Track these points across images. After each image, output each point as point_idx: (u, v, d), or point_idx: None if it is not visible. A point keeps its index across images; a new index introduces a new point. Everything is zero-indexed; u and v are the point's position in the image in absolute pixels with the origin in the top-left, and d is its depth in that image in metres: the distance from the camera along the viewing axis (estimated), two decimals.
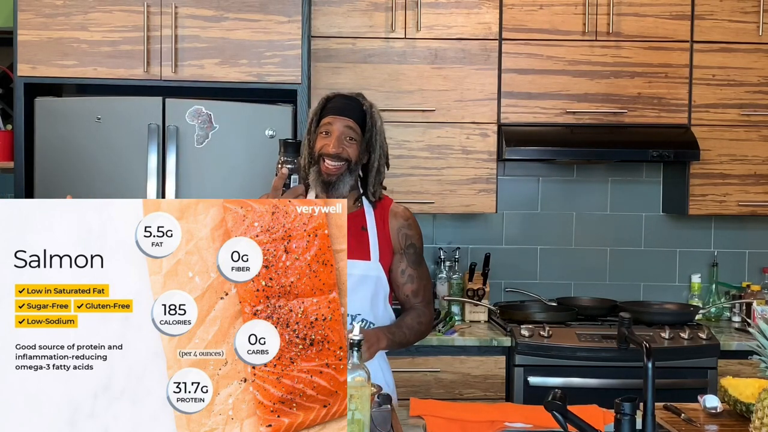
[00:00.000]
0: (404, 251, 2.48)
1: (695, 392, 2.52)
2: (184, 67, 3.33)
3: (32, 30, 3.29)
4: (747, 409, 2.16)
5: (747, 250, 4.14)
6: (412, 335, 2.48)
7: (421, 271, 2.52)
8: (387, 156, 2.47)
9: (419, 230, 2.54)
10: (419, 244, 2.52)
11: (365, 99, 2.44)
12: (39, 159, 3.25)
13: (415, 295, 2.51)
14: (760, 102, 3.78)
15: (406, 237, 2.48)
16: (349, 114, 2.37)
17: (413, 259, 2.50)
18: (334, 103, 2.40)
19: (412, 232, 2.50)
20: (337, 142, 2.34)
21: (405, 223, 2.49)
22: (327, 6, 3.67)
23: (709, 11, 3.75)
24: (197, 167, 3.24)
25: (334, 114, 2.37)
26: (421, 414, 2.26)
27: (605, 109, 3.75)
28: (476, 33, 3.71)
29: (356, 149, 2.37)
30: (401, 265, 2.49)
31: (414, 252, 2.50)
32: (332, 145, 2.34)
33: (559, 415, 1.68)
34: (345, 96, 2.43)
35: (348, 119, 2.36)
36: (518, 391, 3.40)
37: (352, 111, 2.38)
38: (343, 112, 2.37)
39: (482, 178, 3.72)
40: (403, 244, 2.48)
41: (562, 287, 4.08)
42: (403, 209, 2.53)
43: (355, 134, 2.37)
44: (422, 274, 2.53)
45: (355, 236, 2.43)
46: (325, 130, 2.36)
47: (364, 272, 2.41)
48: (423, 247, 2.56)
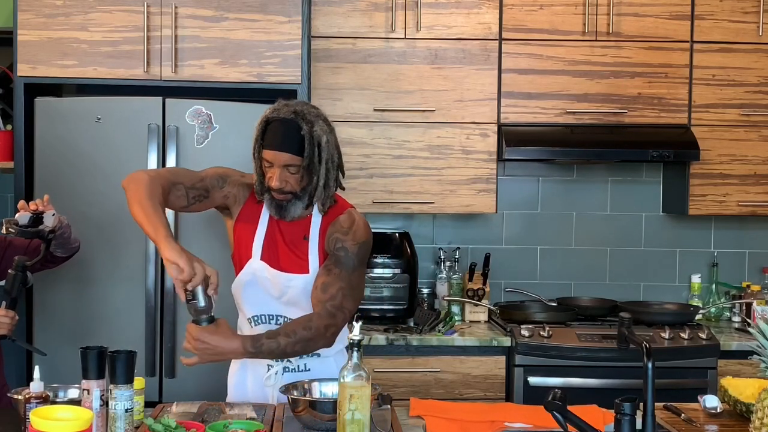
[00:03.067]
0: (333, 252, 2.35)
1: (695, 392, 2.52)
2: (184, 67, 3.33)
3: (32, 30, 3.28)
4: (747, 409, 2.16)
5: (747, 250, 4.13)
6: (290, 344, 2.22)
7: (343, 273, 2.32)
8: (338, 166, 2.38)
9: (363, 239, 2.36)
10: (354, 250, 2.34)
11: (304, 118, 2.29)
12: (39, 159, 3.25)
13: (323, 289, 2.31)
14: (760, 102, 3.78)
15: (336, 240, 2.35)
16: (287, 146, 2.28)
17: (341, 260, 2.33)
18: (271, 133, 2.30)
19: (348, 237, 2.35)
20: (279, 179, 2.29)
21: (344, 228, 2.36)
22: (327, 6, 3.67)
23: (709, 11, 3.75)
24: (197, 167, 3.20)
25: (271, 148, 2.29)
26: (421, 414, 2.26)
27: (605, 109, 3.75)
28: (476, 33, 3.71)
29: (298, 179, 2.31)
30: (327, 261, 2.35)
31: (344, 255, 2.33)
32: (275, 180, 2.30)
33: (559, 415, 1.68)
34: (283, 122, 2.29)
35: (285, 153, 2.28)
36: (518, 391, 3.40)
37: (290, 142, 2.28)
38: (281, 145, 2.28)
39: (482, 178, 3.72)
40: (332, 246, 2.36)
41: (562, 287, 4.08)
42: (352, 217, 2.39)
43: (294, 166, 2.30)
44: (343, 276, 2.31)
45: (296, 247, 2.39)
46: (268, 163, 2.32)
47: (303, 285, 2.35)
48: (364, 258, 2.38)
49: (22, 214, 2.53)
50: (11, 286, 2.47)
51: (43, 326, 3.24)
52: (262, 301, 2.41)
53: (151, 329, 3.23)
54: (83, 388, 1.91)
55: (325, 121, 2.35)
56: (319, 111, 2.36)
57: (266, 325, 2.40)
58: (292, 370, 2.39)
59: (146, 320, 3.22)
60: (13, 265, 2.48)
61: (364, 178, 3.67)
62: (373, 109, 3.68)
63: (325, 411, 2.02)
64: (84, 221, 3.17)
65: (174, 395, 2.88)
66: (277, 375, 2.38)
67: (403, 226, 3.96)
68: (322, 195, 2.35)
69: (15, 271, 2.47)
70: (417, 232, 3.99)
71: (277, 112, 2.32)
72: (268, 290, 2.39)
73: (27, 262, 2.49)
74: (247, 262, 2.40)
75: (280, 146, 2.29)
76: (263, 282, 2.38)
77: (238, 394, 2.45)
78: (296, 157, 2.29)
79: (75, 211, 3.15)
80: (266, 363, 2.40)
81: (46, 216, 2.56)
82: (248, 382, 2.44)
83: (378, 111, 3.68)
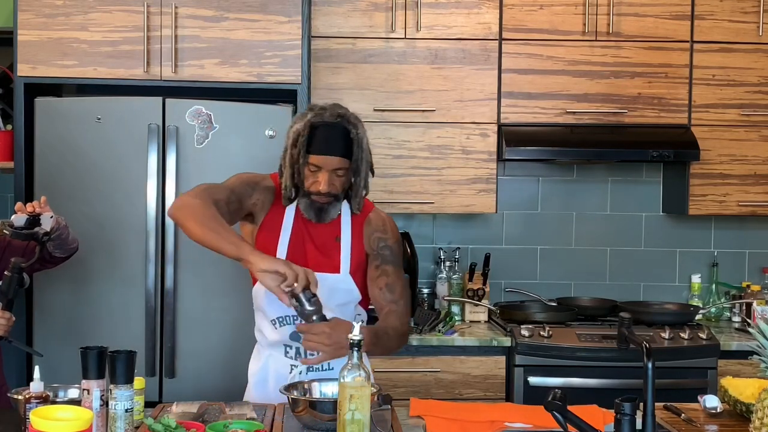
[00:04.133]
0: (378, 252, 2.43)
1: (695, 392, 2.52)
2: (184, 67, 3.33)
3: (32, 30, 3.28)
4: (747, 409, 2.16)
5: (747, 250, 4.13)
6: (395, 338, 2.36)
7: (397, 270, 2.44)
8: (371, 165, 2.43)
9: (398, 236, 2.48)
10: (396, 248, 2.46)
11: (350, 122, 2.34)
12: (39, 159, 3.25)
13: (390, 290, 2.41)
14: (760, 102, 3.78)
15: (379, 239, 2.44)
16: (337, 150, 2.31)
17: (390, 259, 2.43)
18: (320, 137, 2.31)
19: (387, 235, 2.45)
20: (328, 183, 2.32)
21: (381, 227, 2.45)
22: (327, 6, 3.67)
23: (709, 11, 3.75)
24: (197, 167, 3.24)
25: (321, 153, 2.31)
26: (421, 414, 2.26)
27: (605, 109, 3.75)
28: (476, 33, 3.71)
29: (344, 180, 2.36)
30: (375, 261, 2.43)
31: (390, 253, 2.43)
32: (323, 184, 2.32)
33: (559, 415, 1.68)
34: (330, 126, 2.32)
35: (335, 157, 2.31)
36: (518, 391, 3.40)
37: (339, 145, 2.31)
38: (332, 149, 2.31)
39: (482, 178, 3.72)
40: (376, 246, 2.43)
41: (562, 287, 4.08)
42: (382, 215, 2.48)
43: (342, 169, 2.34)
44: (399, 273, 2.44)
45: (326, 248, 2.41)
46: (314, 167, 2.33)
47: (333, 285, 2.38)
48: (401, 256, 2.49)
49: (18, 215, 2.53)
50: (7, 287, 2.47)
51: (43, 326, 3.24)
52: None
53: (151, 329, 3.23)
54: (83, 388, 1.91)
55: (361, 123, 2.39)
56: (354, 113, 2.39)
57: (290, 326, 2.40)
58: (316, 369, 2.40)
59: (146, 320, 3.22)
60: (10, 267, 2.48)
61: None
62: (373, 109, 3.68)
63: (325, 411, 2.02)
64: (84, 221, 3.17)
65: (174, 395, 2.88)
66: (301, 375, 2.37)
67: (403, 226, 3.96)
68: (359, 196, 2.40)
69: (11, 272, 2.47)
70: (417, 232, 3.99)
71: (319, 117, 2.33)
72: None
73: (23, 263, 2.49)
74: None
75: (330, 150, 2.31)
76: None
77: (258, 395, 2.45)
78: (345, 161, 2.33)
79: (75, 211, 3.15)
80: (290, 363, 2.42)
81: (43, 218, 2.56)
82: (270, 382, 2.44)
83: (378, 111, 3.68)
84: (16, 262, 2.48)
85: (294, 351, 2.44)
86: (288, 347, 2.44)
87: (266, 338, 2.47)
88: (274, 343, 2.45)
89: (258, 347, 2.55)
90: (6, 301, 2.47)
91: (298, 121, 2.37)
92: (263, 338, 2.49)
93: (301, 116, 2.37)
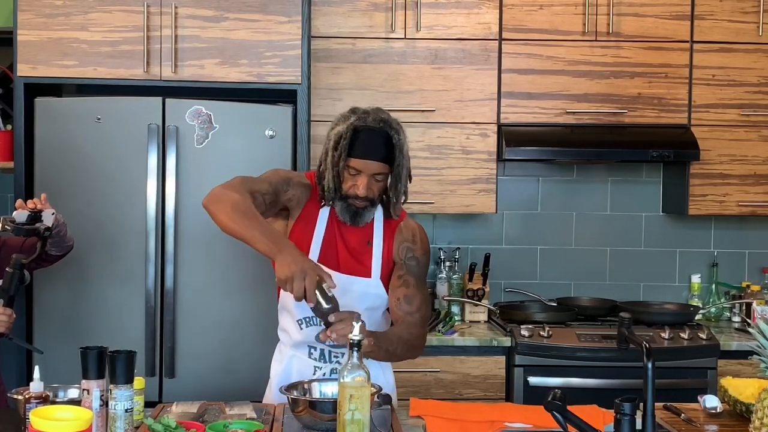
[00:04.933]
0: (404, 262, 2.43)
1: (695, 392, 2.52)
2: (184, 67, 3.32)
3: (32, 30, 3.28)
4: (747, 409, 2.16)
5: (747, 250, 4.13)
6: (401, 345, 2.31)
7: (420, 283, 2.41)
8: (410, 172, 2.42)
9: (427, 247, 2.47)
10: (423, 260, 2.44)
11: (392, 126, 2.33)
12: (39, 159, 3.25)
13: (408, 302, 2.37)
14: (760, 102, 3.78)
15: (407, 249, 2.43)
16: (378, 155, 2.30)
17: (414, 271, 2.41)
18: (362, 141, 2.30)
19: (417, 246, 2.44)
20: (366, 187, 2.31)
21: (410, 237, 2.44)
22: (327, 6, 3.67)
23: (709, 11, 3.75)
24: (197, 167, 3.24)
25: (362, 157, 2.30)
26: (421, 414, 2.26)
27: (605, 109, 3.75)
28: (476, 33, 3.71)
29: (383, 186, 2.36)
30: (399, 271, 2.42)
31: (416, 264, 2.42)
32: (361, 188, 2.31)
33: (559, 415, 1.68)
34: (373, 130, 2.31)
35: (376, 162, 2.31)
36: (518, 391, 3.40)
37: (381, 150, 2.31)
38: (373, 154, 2.30)
39: (482, 178, 3.72)
40: (403, 256, 2.42)
41: (562, 287, 4.08)
42: (413, 225, 2.47)
43: (382, 174, 2.33)
44: (421, 286, 2.41)
45: (358, 252, 2.41)
46: (354, 171, 2.32)
47: (364, 289, 2.38)
48: (427, 269, 2.46)
49: (19, 212, 2.53)
50: (9, 284, 2.47)
51: (43, 326, 3.24)
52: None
53: (151, 329, 3.23)
54: (83, 388, 1.91)
55: (403, 129, 2.38)
56: (396, 118, 2.38)
57: (316, 327, 2.36)
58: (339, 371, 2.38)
59: (146, 320, 3.22)
60: (11, 263, 2.48)
61: None
62: None
63: (325, 411, 2.02)
64: (84, 221, 3.17)
65: (174, 395, 2.88)
66: (325, 377, 2.37)
67: None
68: (398, 202, 2.39)
69: (12, 269, 2.48)
70: None
71: (362, 120, 2.32)
72: None
73: (24, 259, 2.50)
74: None
75: (372, 155, 2.30)
76: None
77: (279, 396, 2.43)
78: (385, 166, 2.32)
79: (75, 211, 3.15)
80: (313, 364, 2.41)
81: (45, 215, 2.56)
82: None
83: None
84: (17, 258, 2.49)
85: (318, 353, 2.41)
86: (312, 348, 2.42)
87: (291, 338, 2.45)
88: (299, 343, 2.43)
89: (280, 347, 2.52)
90: (7, 298, 2.48)
91: (340, 123, 2.35)
92: (287, 338, 2.46)
93: (343, 119, 2.36)
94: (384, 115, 2.36)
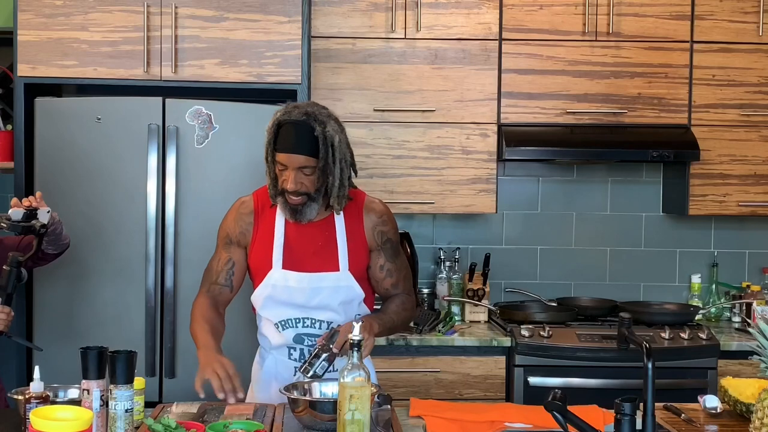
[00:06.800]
0: (381, 247, 2.47)
1: (695, 392, 2.53)
2: (184, 68, 3.32)
3: (32, 30, 3.28)
4: (747, 409, 2.16)
5: (747, 250, 4.13)
6: (399, 319, 2.49)
7: (399, 263, 2.52)
8: (350, 164, 2.41)
9: (394, 223, 2.52)
10: (395, 238, 2.51)
11: (316, 119, 2.31)
12: (39, 159, 3.24)
13: (395, 287, 2.52)
14: (760, 102, 3.78)
15: (381, 234, 2.46)
16: (301, 148, 2.29)
17: (390, 254, 2.49)
18: (284, 135, 2.30)
19: (387, 227, 2.48)
20: (294, 181, 2.30)
21: (379, 220, 2.47)
22: (327, 6, 3.67)
23: (709, 11, 3.75)
24: (197, 167, 3.24)
25: (285, 151, 2.30)
26: (421, 414, 2.26)
27: (605, 109, 3.75)
28: (476, 33, 3.71)
29: (314, 179, 2.33)
30: (379, 260, 2.48)
31: (391, 246, 2.49)
32: (289, 183, 2.30)
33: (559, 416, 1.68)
34: (295, 123, 2.30)
35: (299, 155, 2.29)
36: (518, 391, 3.40)
37: (303, 143, 2.29)
38: (295, 147, 2.29)
39: (482, 179, 3.72)
40: (379, 241, 2.46)
41: (562, 287, 4.08)
42: (376, 205, 2.49)
43: (309, 168, 2.31)
44: (400, 266, 2.52)
45: (323, 246, 2.41)
46: (281, 165, 2.32)
47: (335, 284, 2.40)
48: (399, 238, 2.55)
49: (15, 209, 2.53)
50: (6, 282, 2.48)
51: (43, 326, 3.24)
52: (287, 308, 2.42)
53: (151, 329, 3.23)
54: (83, 388, 1.91)
55: (336, 121, 2.36)
56: (329, 111, 2.37)
57: (294, 329, 2.43)
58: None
59: (146, 320, 3.22)
60: (8, 261, 2.49)
61: (364, 178, 3.66)
62: (373, 109, 3.68)
63: (325, 411, 2.02)
64: (84, 221, 3.17)
65: (174, 395, 2.88)
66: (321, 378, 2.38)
67: (403, 226, 3.95)
68: (338, 195, 2.37)
69: (9, 267, 2.48)
70: (417, 232, 3.99)
71: (287, 115, 2.32)
72: (293, 297, 2.40)
73: (21, 257, 2.50)
74: (268, 273, 2.40)
75: (294, 148, 2.29)
76: (286, 291, 2.39)
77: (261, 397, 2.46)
78: (311, 159, 2.30)
79: (75, 211, 3.15)
80: (293, 365, 2.43)
81: (40, 213, 2.57)
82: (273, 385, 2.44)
83: (378, 111, 3.68)
84: (14, 256, 2.49)
85: (298, 353, 2.44)
86: (292, 349, 2.45)
87: (270, 341, 2.48)
88: (278, 345, 2.46)
89: (261, 351, 2.55)
90: (5, 296, 2.48)
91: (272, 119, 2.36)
92: (266, 341, 2.50)
93: (274, 114, 2.37)
94: (313, 108, 2.34)
